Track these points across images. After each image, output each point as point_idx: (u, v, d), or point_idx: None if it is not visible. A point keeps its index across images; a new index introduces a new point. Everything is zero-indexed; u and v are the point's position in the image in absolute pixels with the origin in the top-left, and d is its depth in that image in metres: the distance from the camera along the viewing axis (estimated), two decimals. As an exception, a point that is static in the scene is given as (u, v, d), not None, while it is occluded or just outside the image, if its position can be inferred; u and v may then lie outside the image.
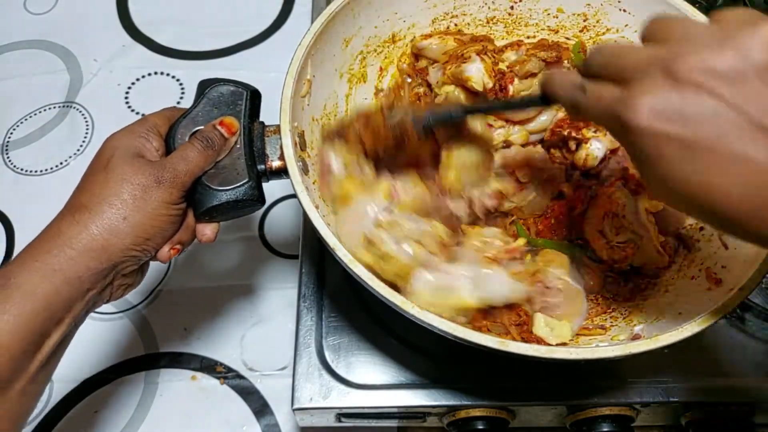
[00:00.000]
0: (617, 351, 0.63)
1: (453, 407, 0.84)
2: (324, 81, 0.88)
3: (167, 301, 1.11)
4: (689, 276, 0.79)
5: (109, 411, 1.01)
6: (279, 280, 1.14)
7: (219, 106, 0.77)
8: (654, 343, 0.63)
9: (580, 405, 0.84)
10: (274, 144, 0.77)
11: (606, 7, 0.95)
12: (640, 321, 0.76)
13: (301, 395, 0.83)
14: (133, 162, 0.68)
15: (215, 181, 0.73)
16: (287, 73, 0.78)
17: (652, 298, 0.79)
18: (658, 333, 0.64)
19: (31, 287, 0.61)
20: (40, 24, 1.44)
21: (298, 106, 0.79)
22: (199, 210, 0.73)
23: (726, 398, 0.84)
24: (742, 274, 0.69)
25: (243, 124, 0.76)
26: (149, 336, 1.08)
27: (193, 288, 1.13)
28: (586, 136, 0.86)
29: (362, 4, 0.90)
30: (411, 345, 0.88)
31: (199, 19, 1.45)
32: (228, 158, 0.75)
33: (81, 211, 0.66)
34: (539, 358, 0.62)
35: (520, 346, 0.62)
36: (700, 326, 0.64)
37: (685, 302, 0.75)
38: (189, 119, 0.76)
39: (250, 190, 0.74)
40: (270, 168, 0.77)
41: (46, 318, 0.62)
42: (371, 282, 0.65)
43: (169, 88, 1.35)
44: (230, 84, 0.79)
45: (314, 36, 0.82)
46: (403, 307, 0.64)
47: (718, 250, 0.78)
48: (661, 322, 0.73)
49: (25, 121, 1.31)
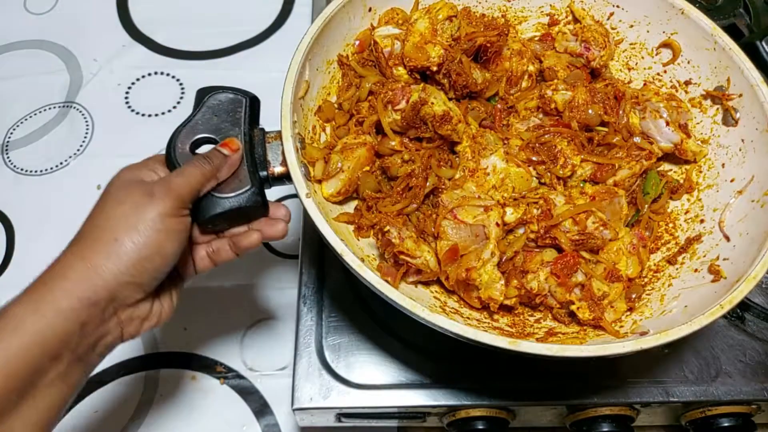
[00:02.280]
0: (628, 347, 0.63)
1: (453, 407, 0.84)
2: (318, 79, 0.88)
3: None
4: (692, 269, 0.79)
5: (109, 411, 1.01)
6: (279, 280, 1.14)
7: (218, 114, 0.77)
8: (665, 337, 0.64)
9: (580, 405, 0.84)
10: (276, 150, 0.77)
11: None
12: (646, 316, 0.76)
13: (301, 395, 0.83)
14: (129, 185, 0.66)
15: (218, 190, 0.73)
16: (286, 79, 0.78)
17: (656, 292, 0.80)
18: (666, 327, 0.64)
19: (20, 321, 0.56)
20: (40, 24, 1.43)
21: (297, 108, 0.80)
22: (203, 218, 0.72)
23: (726, 398, 0.84)
24: (746, 266, 0.70)
25: (243, 131, 0.76)
26: (149, 336, 1.08)
27: (193, 288, 1.13)
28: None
29: (357, 7, 0.90)
30: (411, 345, 0.88)
31: (199, 19, 1.45)
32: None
33: (77, 239, 0.64)
34: (551, 357, 0.63)
35: (532, 345, 0.63)
36: (708, 319, 0.64)
37: (690, 295, 0.75)
38: (189, 128, 0.76)
39: (254, 197, 0.73)
40: (272, 174, 0.77)
41: (39, 353, 0.56)
42: (380, 286, 0.66)
43: (169, 88, 1.34)
44: (229, 91, 0.78)
45: (312, 39, 0.82)
46: (413, 310, 0.64)
47: (720, 242, 0.79)
48: (668, 316, 0.73)
49: (25, 121, 1.30)
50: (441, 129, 0.82)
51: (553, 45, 0.98)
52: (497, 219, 0.77)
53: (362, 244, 0.81)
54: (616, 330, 0.74)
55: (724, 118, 0.88)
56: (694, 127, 0.90)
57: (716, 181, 0.86)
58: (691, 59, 0.92)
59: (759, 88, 0.83)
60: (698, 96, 0.91)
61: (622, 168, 0.84)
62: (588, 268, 0.77)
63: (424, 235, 0.80)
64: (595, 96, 0.87)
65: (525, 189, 0.82)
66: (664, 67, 0.95)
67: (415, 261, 0.76)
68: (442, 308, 0.77)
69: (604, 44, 0.94)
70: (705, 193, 0.87)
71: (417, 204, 0.81)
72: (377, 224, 0.78)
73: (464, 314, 0.78)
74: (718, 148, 0.88)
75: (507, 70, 0.93)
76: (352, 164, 0.81)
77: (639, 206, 0.86)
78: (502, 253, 0.78)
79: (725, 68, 0.87)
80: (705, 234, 0.82)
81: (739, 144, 0.85)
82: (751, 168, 0.82)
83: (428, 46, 0.86)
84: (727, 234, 0.79)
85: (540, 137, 0.84)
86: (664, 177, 0.88)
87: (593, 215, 0.77)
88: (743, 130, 0.85)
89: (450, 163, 0.85)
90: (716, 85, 0.89)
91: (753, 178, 0.81)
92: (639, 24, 0.96)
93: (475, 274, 0.75)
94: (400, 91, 0.82)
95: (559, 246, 0.78)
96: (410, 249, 0.75)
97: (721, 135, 0.88)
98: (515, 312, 0.80)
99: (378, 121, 0.84)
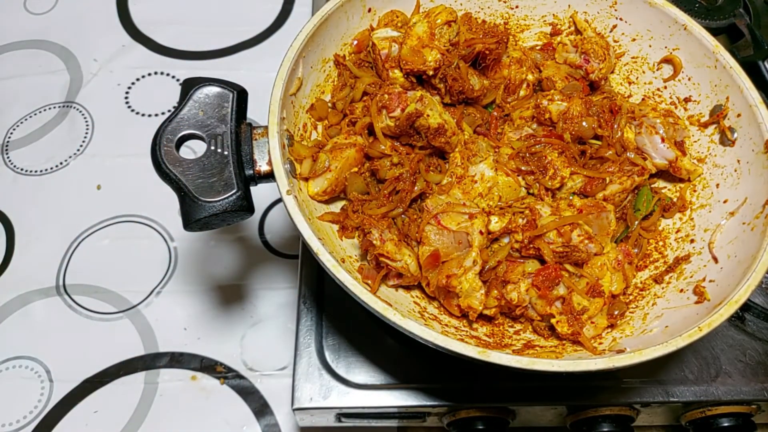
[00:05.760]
0: (600, 364, 0.63)
1: (453, 407, 0.84)
2: (312, 76, 0.88)
3: (167, 301, 1.11)
4: (678, 289, 0.78)
5: (109, 411, 1.02)
6: (279, 280, 1.14)
7: (205, 109, 0.76)
8: (638, 357, 0.63)
9: (580, 405, 0.84)
10: (263, 148, 0.76)
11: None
12: (626, 334, 0.75)
13: (301, 395, 0.83)
14: None
15: (203, 193, 0.72)
16: (277, 75, 0.78)
17: (640, 310, 0.79)
18: (643, 347, 0.64)
19: None
20: (40, 24, 1.44)
21: (288, 105, 0.79)
22: (188, 222, 0.72)
23: (726, 398, 0.84)
24: (730, 290, 0.69)
25: (230, 128, 0.75)
26: (149, 336, 1.08)
27: (193, 288, 1.13)
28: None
29: (356, 6, 0.90)
30: (411, 345, 0.88)
31: (199, 19, 1.45)
32: (216, 167, 0.74)
33: None
34: (520, 369, 0.62)
35: (502, 356, 0.62)
36: (685, 341, 0.64)
37: (673, 315, 0.74)
38: (174, 124, 0.75)
39: (239, 201, 0.72)
40: (258, 173, 0.76)
41: None
42: (353, 287, 0.66)
43: (169, 88, 1.35)
44: (216, 84, 0.77)
45: (306, 37, 0.82)
46: (385, 314, 0.64)
47: (708, 263, 0.78)
48: (647, 336, 0.73)
49: (25, 121, 1.31)
50: (435, 141, 0.82)
51: (553, 55, 0.97)
52: (481, 227, 0.75)
53: (345, 244, 0.81)
54: (594, 346, 0.73)
55: (721, 137, 0.87)
56: (690, 146, 0.89)
57: (709, 202, 0.85)
58: (691, 76, 0.91)
59: (757, 108, 0.81)
60: (697, 114, 0.90)
61: (613, 182, 0.83)
62: (570, 281, 0.75)
63: (408, 240, 0.79)
64: (591, 108, 0.85)
65: (512, 198, 0.81)
66: (665, 82, 0.94)
67: (396, 264, 0.75)
68: (420, 314, 0.77)
69: (603, 57, 0.93)
70: (697, 213, 0.85)
71: (403, 208, 0.81)
72: (361, 226, 0.78)
73: (443, 321, 0.77)
74: (714, 168, 0.87)
75: (505, 77, 0.92)
76: (340, 164, 0.81)
77: (629, 222, 0.85)
78: (485, 262, 0.76)
79: (725, 87, 0.86)
80: (694, 254, 0.81)
81: (735, 164, 0.84)
82: (745, 190, 0.81)
83: (425, 50, 0.85)
84: (716, 255, 0.78)
85: (531, 147, 0.83)
86: (657, 194, 0.87)
87: (579, 228, 0.76)
88: (740, 150, 0.84)
89: (439, 168, 0.84)
90: (715, 103, 0.88)
91: (746, 200, 0.80)
92: (641, 38, 0.95)
93: (455, 282, 0.74)
94: (396, 97, 0.81)
95: (543, 257, 0.77)
96: (390, 252, 0.74)
97: (717, 155, 0.87)
98: (495, 322, 0.79)
99: (371, 123, 0.84)
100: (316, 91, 0.89)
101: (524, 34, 1.03)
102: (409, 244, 0.79)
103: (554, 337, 0.77)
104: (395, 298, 0.76)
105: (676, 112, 0.91)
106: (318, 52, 0.87)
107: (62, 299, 1.11)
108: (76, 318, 1.09)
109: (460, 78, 0.86)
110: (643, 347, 0.64)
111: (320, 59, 0.89)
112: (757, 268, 0.69)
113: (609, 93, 0.95)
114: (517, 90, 0.93)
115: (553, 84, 0.92)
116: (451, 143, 0.83)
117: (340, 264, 0.69)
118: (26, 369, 1.05)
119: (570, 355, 0.72)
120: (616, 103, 0.88)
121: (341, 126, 0.88)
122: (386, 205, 0.80)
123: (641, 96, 0.96)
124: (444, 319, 0.78)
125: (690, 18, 0.89)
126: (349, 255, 0.79)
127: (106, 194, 1.22)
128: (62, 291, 1.12)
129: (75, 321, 1.09)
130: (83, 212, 1.20)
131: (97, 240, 1.17)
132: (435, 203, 0.77)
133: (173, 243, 1.17)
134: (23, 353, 1.06)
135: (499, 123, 0.90)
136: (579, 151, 0.85)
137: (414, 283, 0.79)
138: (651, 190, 0.87)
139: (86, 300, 1.11)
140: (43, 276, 1.13)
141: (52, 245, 1.16)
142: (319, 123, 0.89)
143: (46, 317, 1.09)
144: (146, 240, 1.17)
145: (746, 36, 1.16)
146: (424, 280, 0.77)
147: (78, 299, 1.11)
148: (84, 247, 1.16)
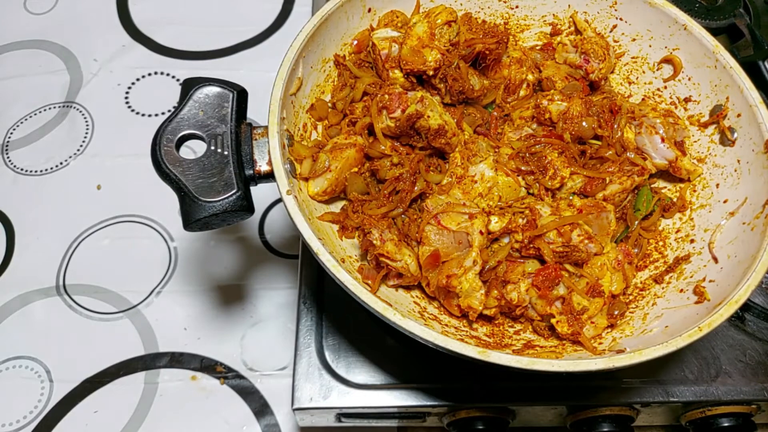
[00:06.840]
0: (600, 364, 0.63)
1: (453, 407, 0.84)
2: (312, 76, 0.88)
3: (167, 301, 1.11)
4: (678, 289, 0.78)
5: (109, 411, 1.02)
6: (279, 280, 1.14)
7: (205, 109, 0.76)
8: (638, 357, 0.63)
9: (580, 405, 0.84)
10: (263, 147, 0.76)
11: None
12: (626, 334, 0.75)
13: (301, 395, 0.83)
14: None
15: (203, 193, 0.72)
16: (277, 75, 0.78)
17: (639, 310, 0.79)
18: (643, 347, 0.64)
19: None
20: (40, 24, 1.45)
21: (288, 105, 0.79)
22: (188, 222, 0.72)
23: (726, 398, 0.84)
24: (730, 290, 0.69)
25: (230, 128, 0.75)
26: (149, 336, 1.08)
27: (193, 288, 1.13)
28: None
29: (356, 6, 0.90)
30: (411, 345, 0.88)
31: (199, 19, 1.45)
32: (216, 167, 0.74)
33: None
34: (520, 369, 0.62)
35: (502, 356, 0.62)
36: (685, 341, 0.64)
37: (673, 316, 0.74)
38: (174, 124, 0.75)
39: (239, 201, 0.73)
40: (258, 173, 0.76)
41: None
42: (352, 287, 0.66)
43: (169, 88, 1.35)
44: (216, 84, 0.77)
45: (306, 37, 0.82)
46: (384, 314, 0.64)
47: (708, 263, 0.78)
48: (647, 336, 0.73)
49: (25, 121, 1.31)
50: (435, 142, 0.82)
51: (553, 55, 0.97)
52: (481, 227, 0.75)
53: (345, 244, 0.81)
54: (594, 346, 0.73)
55: (721, 137, 0.86)
56: (690, 146, 0.89)
57: (709, 202, 0.85)
58: (691, 76, 0.91)
59: (757, 108, 0.81)
60: (697, 114, 0.90)
61: (613, 182, 0.83)
62: (570, 281, 0.75)
63: (408, 240, 0.79)
64: (591, 108, 0.85)
65: (512, 198, 0.81)
66: (665, 82, 0.94)
67: (396, 264, 0.75)
68: (420, 314, 0.77)
69: (603, 57, 0.93)
70: (697, 213, 0.85)
71: (403, 208, 0.81)
72: (361, 226, 0.78)
73: (443, 321, 0.77)
74: (714, 168, 0.87)
75: (505, 77, 0.92)
76: (340, 164, 0.81)
77: (629, 222, 0.85)
78: (485, 262, 0.76)
79: (725, 87, 0.86)
80: (694, 254, 0.81)
81: (735, 164, 0.84)
82: (745, 189, 0.81)
83: (425, 50, 0.85)
84: (716, 255, 0.78)
85: (531, 147, 0.83)
86: (657, 194, 0.87)
87: (579, 228, 0.76)
88: (740, 150, 0.84)
89: (439, 168, 0.84)
90: (715, 103, 0.88)
91: (746, 200, 0.80)
92: (641, 38, 0.95)
93: (455, 282, 0.74)
94: (396, 98, 0.81)
95: (543, 257, 0.77)
96: (390, 252, 0.74)
97: (717, 155, 0.87)
98: (495, 322, 0.79)
99: (371, 123, 0.84)
100: (316, 91, 0.89)
101: (524, 34, 1.03)
102: (409, 244, 0.79)
103: (554, 337, 0.77)
104: (395, 298, 0.76)
105: (676, 112, 0.91)
106: (318, 52, 0.87)
107: (62, 299, 1.11)
108: (76, 318, 1.09)
109: (460, 78, 0.86)
110: (643, 347, 0.64)
111: (320, 59, 0.89)
112: (757, 268, 0.69)
113: (609, 93, 0.94)
114: (517, 90, 0.93)
115: (553, 84, 0.92)
116: (452, 144, 0.83)
117: (340, 264, 0.69)
118: (26, 369, 1.05)
119: (570, 355, 0.73)
120: (616, 103, 0.88)
121: (341, 126, 0.88)
122: (386, 205, 0.80)
123: (641, 96, 0.96)
124: (444, 319, 0.78)
125: (690, 18, 0.89)
126: (349, 255, 0.79)
127: (106, 194, 1.22)
128: (62, 291, 1.12)
129: (75, 321, 1.09)
130: (83, 212, 1.20)
131: (97, 240, 1.17)
132: (435, 203, 0.77)
133: (173, 243, 1.17)
134: (23, 353, 1.06)
135: (499, 123, 0.90)
136: (579, 151, 0.85)
137: (414, 283, 0.79)
138: (651, 190, 0.87)
139: (86, 300, 1.11)
140: (43, 276, 1.13)
141: (52, 245, 1.16)
142: (319, 123, 0.89)
143: (46, 317, 1.09)
144: (146, 240, 1.17)
145: (746, 36, 1.16)
146: (424, 280, 0.77)
147: (78, 299, 1.11)
148: (84, 247, 1.16)
